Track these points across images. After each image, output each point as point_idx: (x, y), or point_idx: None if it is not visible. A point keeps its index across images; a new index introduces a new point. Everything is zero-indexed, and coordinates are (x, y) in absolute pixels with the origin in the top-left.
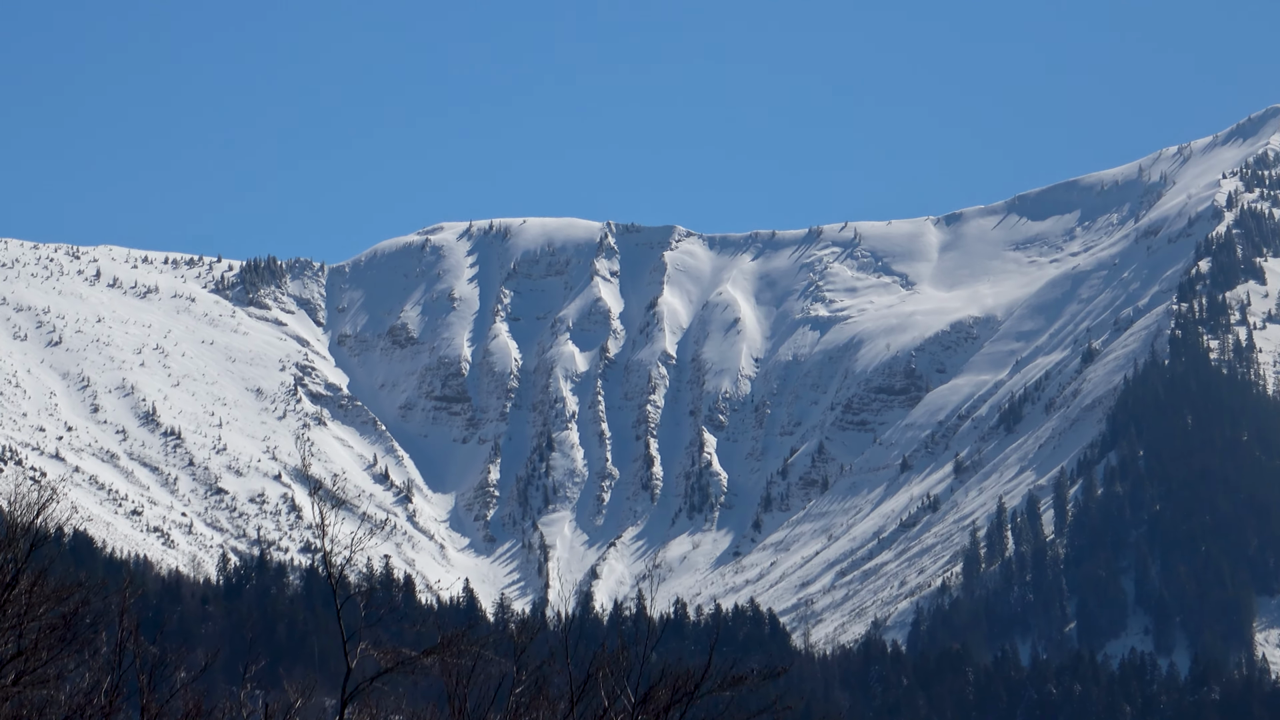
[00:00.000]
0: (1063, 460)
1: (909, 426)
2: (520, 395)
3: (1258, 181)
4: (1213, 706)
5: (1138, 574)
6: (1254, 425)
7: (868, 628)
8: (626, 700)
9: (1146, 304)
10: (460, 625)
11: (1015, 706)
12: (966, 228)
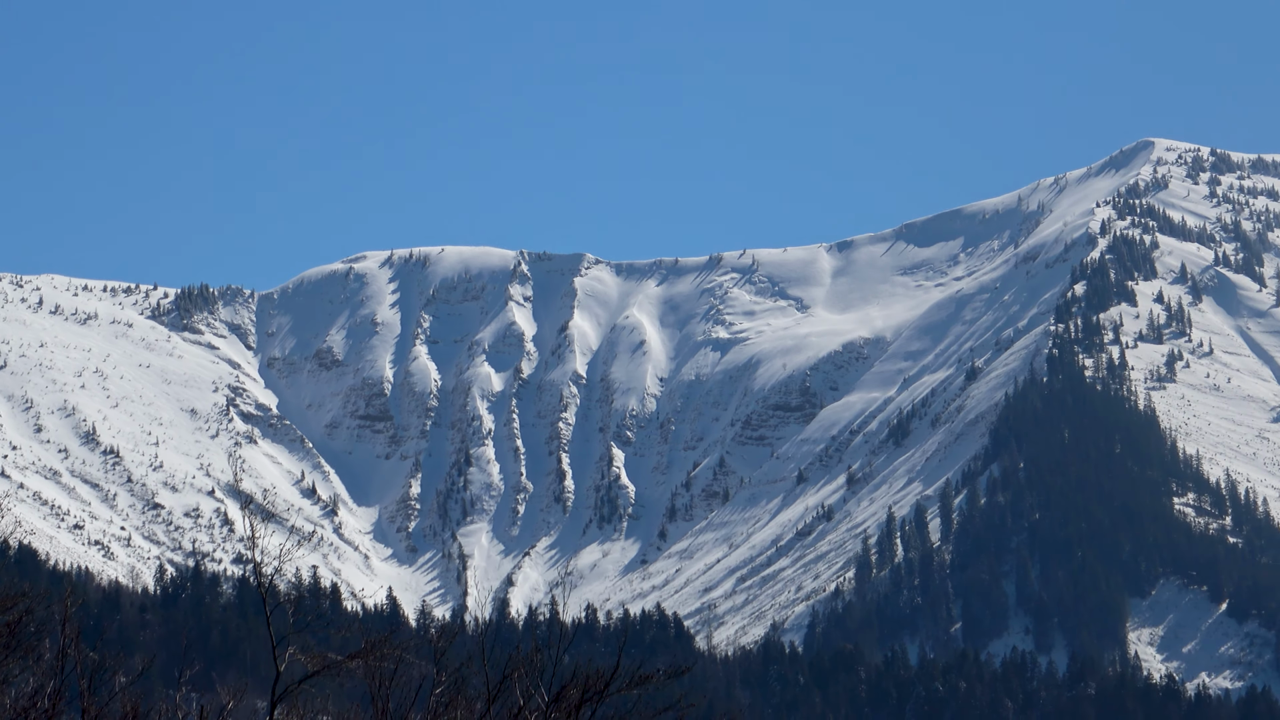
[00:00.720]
0: (948, 472)
1: (804, 441)
2: (439, 414)
3: (1129, 210)
4: (1089, 701)
5: (1018, 578)
6: (1126, 438)
7: (767, 630)
8: (540, 699)
9: (1026, 325)
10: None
11: (905, 703)
12: (857, 254)
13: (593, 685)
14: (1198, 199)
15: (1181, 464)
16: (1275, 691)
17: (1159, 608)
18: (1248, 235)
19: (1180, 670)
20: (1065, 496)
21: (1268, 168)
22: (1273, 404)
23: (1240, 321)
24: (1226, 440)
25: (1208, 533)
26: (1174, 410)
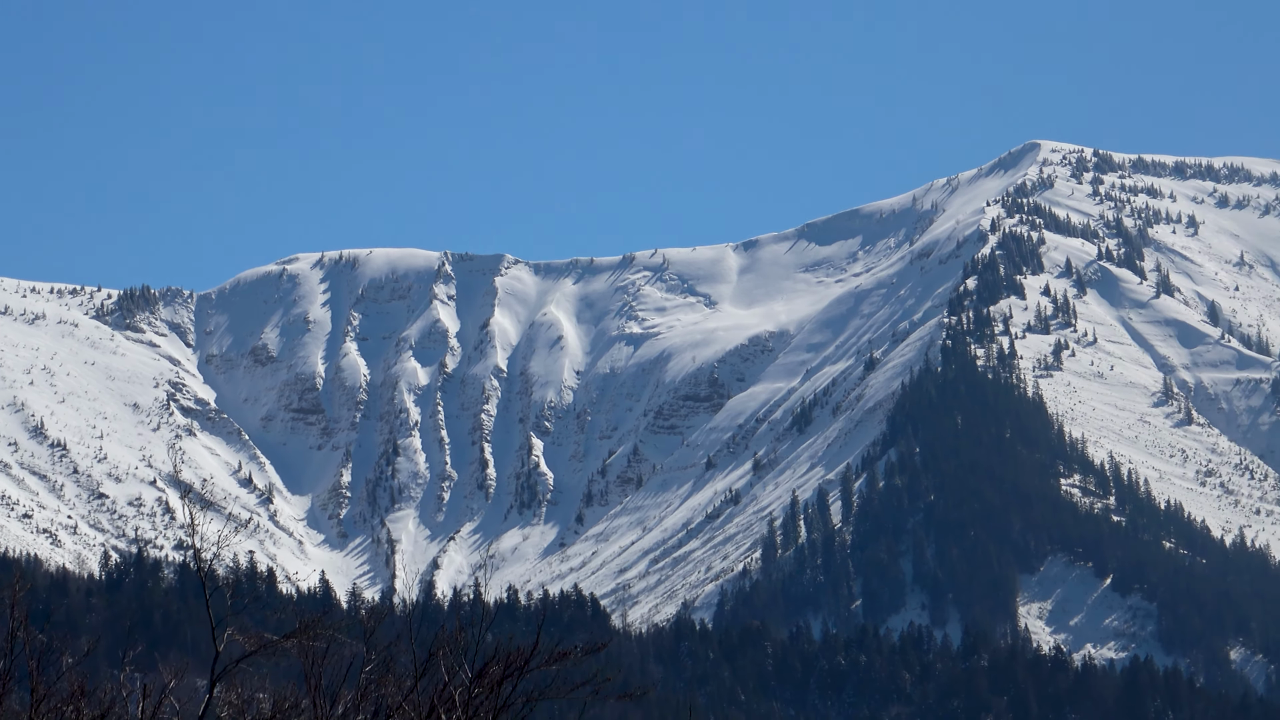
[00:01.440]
0: (848, 457)
1: (713, 430)
2: (368, 407)
3: (1017, 208)
4: (982, 672)
5: (915, 556)
6: (1016, 423)
7: (678, 608)
8: (464, 675)
9: (921, 318)
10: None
11: (809, 675)
12: (762, 253)
13: (514, 662)
14: (1081, 197)
15: (1068, 447)
16: (1157, 661)
17: (1047, 583)
18: (1129, 231)
19: (1068, 642)
20: (958, 479)
21: (1147, 167)
22: (1153, 390)
23: (1122, 312)
24: (1110, 424)
25: (1093, 512)
26: (1060, 397)
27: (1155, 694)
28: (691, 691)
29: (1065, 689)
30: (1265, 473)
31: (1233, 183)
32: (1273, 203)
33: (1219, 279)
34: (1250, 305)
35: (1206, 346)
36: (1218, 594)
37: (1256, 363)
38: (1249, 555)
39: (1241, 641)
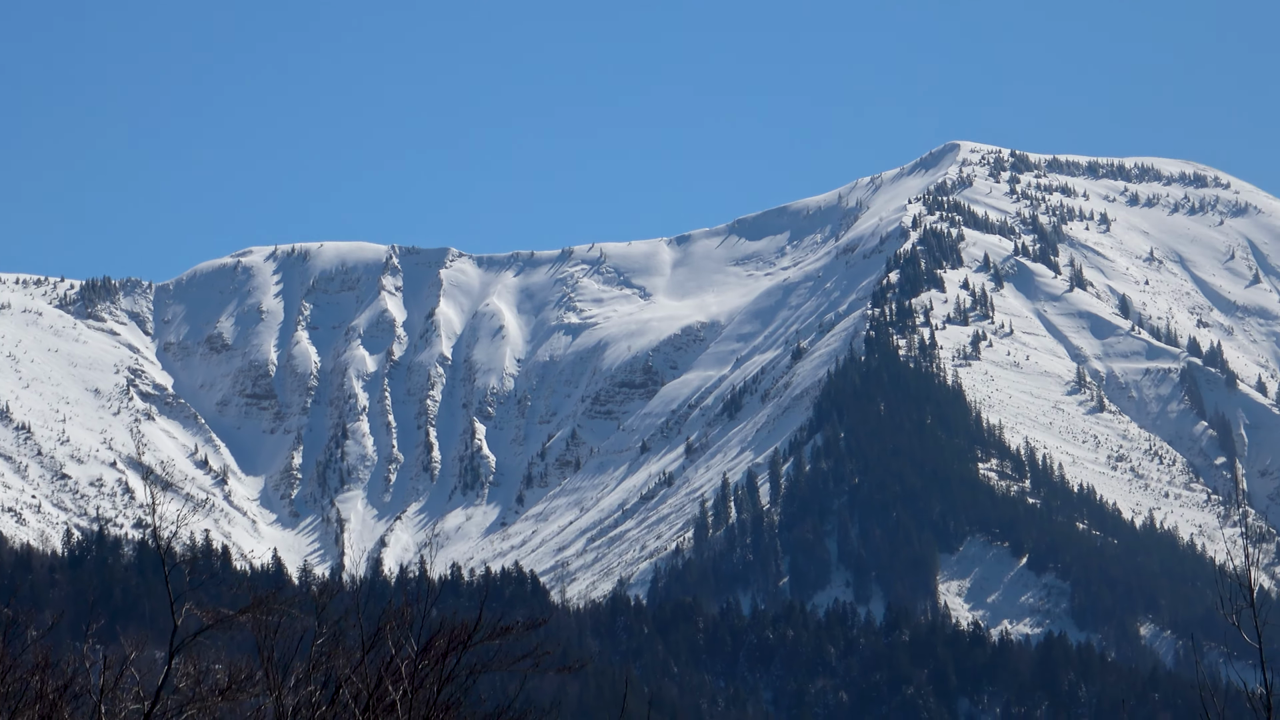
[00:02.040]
0: (776, 442)
1: (647, 415)
2: (319, 392)
3: (938, 206)
4: (903, 647)
5: (840, 536)
6: (936, 410)
7: (614, 585)
8: (411, 649)
9: (846, 309)
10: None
11: (739, 649)
12: (695, 247)
13: (458, 636)
14: (999, 195)
15: (985, 433)
16: (1070, 637)
17: (966, 562)
18: (1044, 228)
19: (985, 618)
20: (881, 463)
21: (1062, 167)
22: (1067, 379)
23: (1038, 305)
24: (1025, 411)
25: (1009, 494)
26: (978, 385)
27: (1069, 668)
28: (627, 664)
29: (983, 663)
30: (1174, 458)
31: (1143, 182)
32: (1181, 201)
33: (1130, 274)
34: (1159, 299)
35: (1118, 338)
36: (1128, 573)
37: (1165, 353)
38: (1158, 536)
39: (1151, 618)
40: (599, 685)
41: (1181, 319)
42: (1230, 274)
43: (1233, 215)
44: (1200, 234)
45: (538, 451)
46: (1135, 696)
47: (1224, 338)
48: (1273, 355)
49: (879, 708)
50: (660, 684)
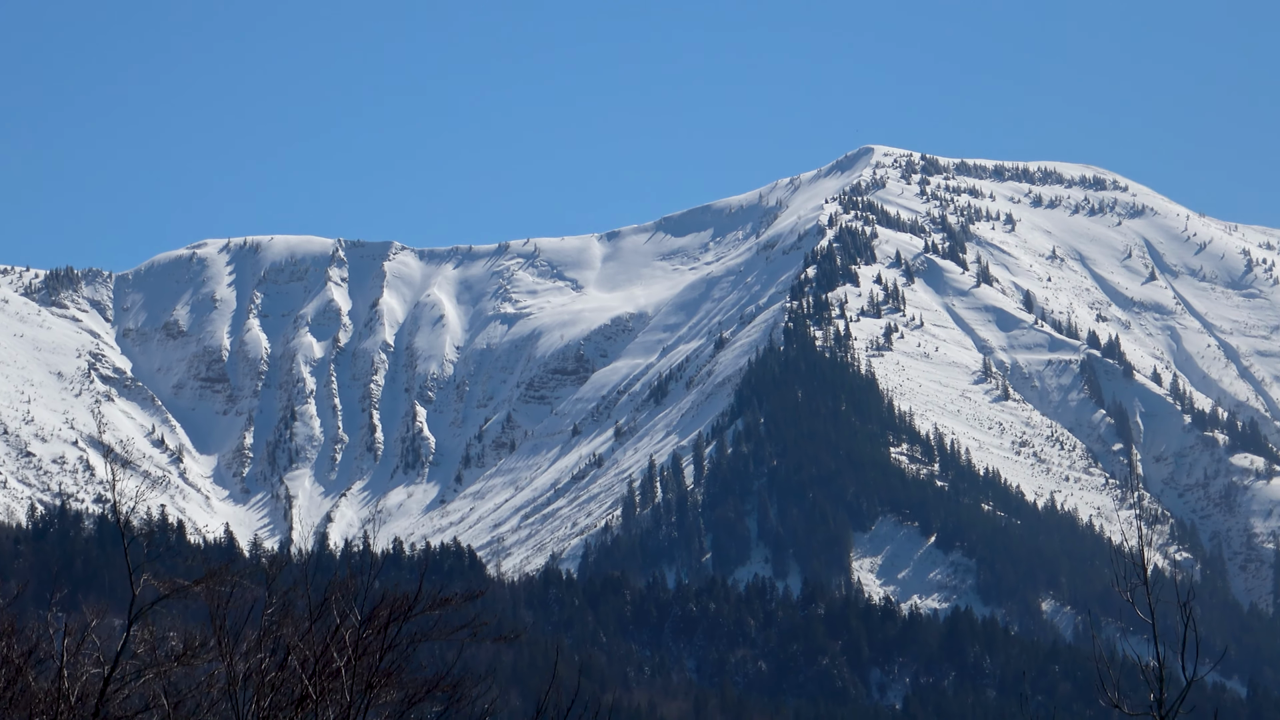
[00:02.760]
0: (700, 426)
1: (579, 400)
2: (269, 377)
3: (853, 205)
4: (819, 620)
5: (759, 515)
6: (850, 397)
7: (547, 559)
8: (355, 618)
9: (766, 302)
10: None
11: (664, 621)
12: (624, 242)
13: (399, 607)
14: (910, 196)
15: (897, 419)
16: (976, 611)
17: (878, 540)
18: (953, 227)
19: (896, 593)
20: (799, 446)
21: (970, 170)
22: (974, 369)
23: (947, 300)
24: (935, 399)
25: (919, 477)
26: (890, 374)
27: (974, 641)
28: (559, 634)
29: (894, 635)
30: (1073, 444)
31: (1046, 184)
32: (1081, 203)
33: (1033, 271)
34: (1061, 295)
35: (1021, 331)
36: (1030, 552)
37: (1066, 345)
38: (1059, 517)
39: (1051, 594)
40: (532, 654)
41: (1081, 314)
42: (1128, 272)
43: (1130, 216)
44: (1099, 234)
45: (475, 434)
46: (1036, 668)
47: (1121, 331)
48: (1167, 348)
49: (796, 677)
50: (590, 653)
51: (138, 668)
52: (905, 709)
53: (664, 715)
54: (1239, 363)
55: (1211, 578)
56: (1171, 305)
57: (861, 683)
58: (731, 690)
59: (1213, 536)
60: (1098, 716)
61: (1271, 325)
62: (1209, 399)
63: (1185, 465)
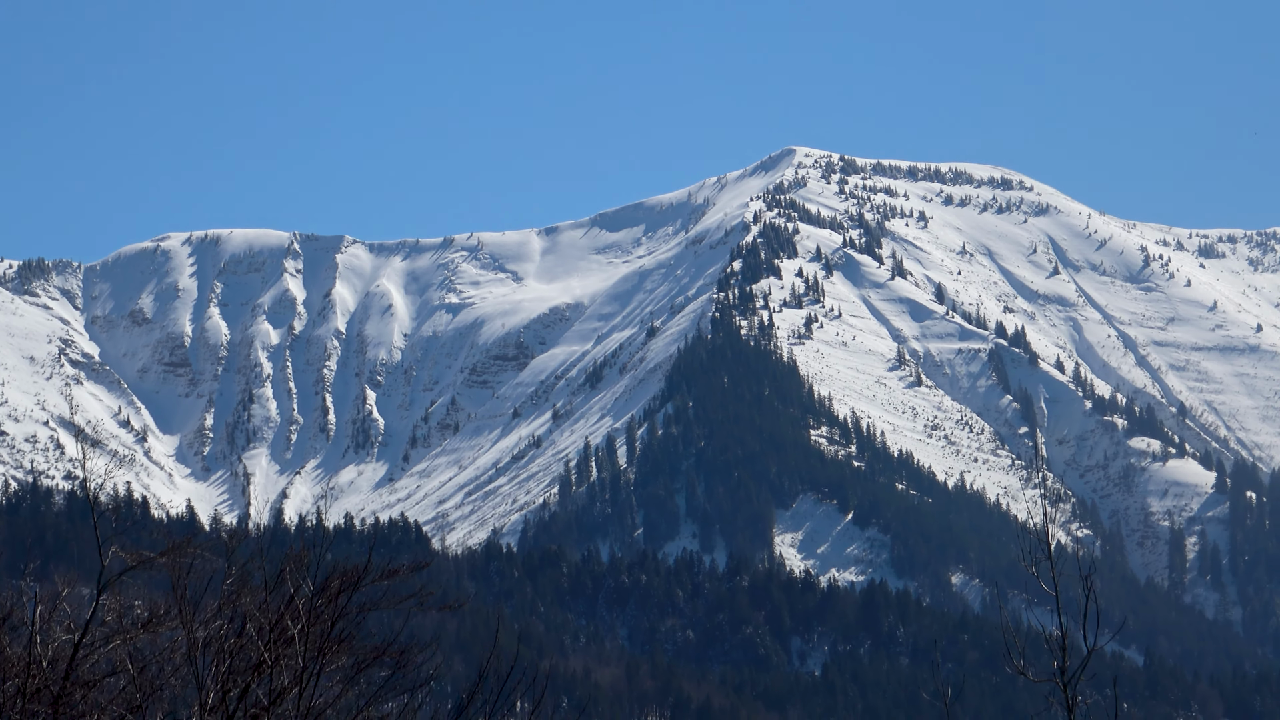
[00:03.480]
0: (633, 410)
1: (519, 384)
2: (229, 362)
3: (776, 203)
4: (743, 592)
5: (688, 493)
6: (773, 383)
7: (489, 534)
8: (308, 588)
9: (694, 294)
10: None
11: (598, 592)
12: (561, 237)
13: (349, 578)
14: (830, 195)
15: (817, 404)
16: (890, 584)
17: (799, 517)
18: (869, 224)
19: (815, 567)
20: (725, 429)
21: (885, 170)
22: (888, 357)
23: (863, 292)
24: (852, 385)
25: (837, 458)
26: (811, 361)
27: (889, 611)
28: (499, 604)
29: (813, 606)
30: (982, 427)
31: (957, 184)
32: (990, 201)
33: (944, 265)
34: (970, 287)
35: (933, 321)
36: (941, 528)
37: (975, 335)
38: (968, 496)
39: (961, 568)
40: (474, 623)
41: (990, 305)
42: (1033, 266)
43: (1035, 214)
44: (1006, 231)
45: (422, 416)
46: (947, 637)
47: (1027, 322)
48: (1069, 338)
49: (721, 645)
50: (529, 622)
51: (106, 634)
52: (824, 676)
53: (598, 681)
54: (1136, 352)
55: (1111, 553)
56: (1074, 298)
57: (783, 651)
58: (661, 657)
59: (1112, 515)
60: (1004, 683)
61: (1167, 317)
62: (1109, 386)
63: (1086, 448)
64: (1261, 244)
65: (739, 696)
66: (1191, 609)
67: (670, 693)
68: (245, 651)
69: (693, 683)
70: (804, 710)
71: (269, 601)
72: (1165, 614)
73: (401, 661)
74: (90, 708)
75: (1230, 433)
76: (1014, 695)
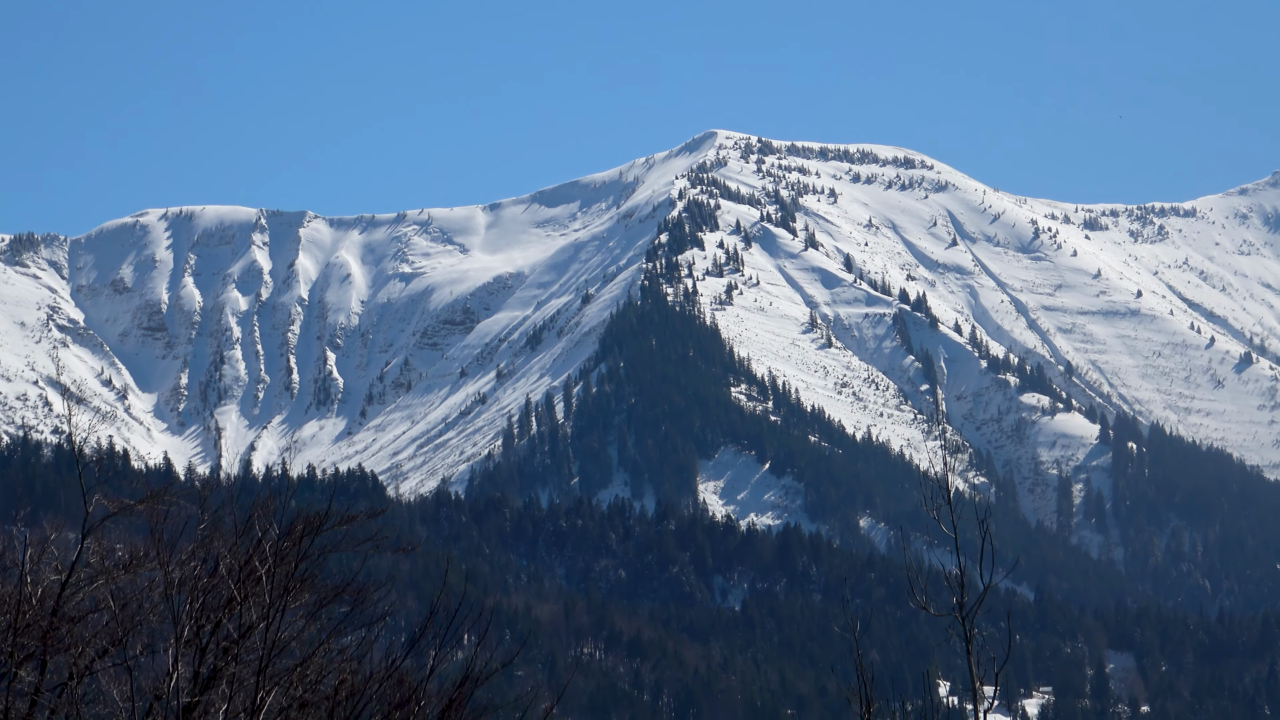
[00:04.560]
0: (569, 369)
1: (465, 347)
2: (201, 326)
3: (699, 181)
4: (670, 534)
5: (619, 445)
6: (697, 345)
7: (439, 483)
8: (274, 532)
9: (625, 264)
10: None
11: (538, 535)
12: (504, 212)
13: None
14: (748, 174)
15: (736, 364)
16: (804, 527)
17: (720, 467)
18: (784, 200)
19: (735, 512)
20: (653, 387)
21: (799, 151)
22: (802, 321)
23: (779, 262)
24: (769, 347)
25: (755, 413)
26: (731, 325)
27: (802, 552)
28: (448, 547)
29: (734, 548)
30: (887, 385)
31: (864, 164)
32: (894, 179)
33: (853, 237)
34: (876, 258)
35: (842, 289)
36: (850, 476)
37: (880, 301)
38: (874, 447)
39: (868, 513)
40: (425, 563)
41: (894, 274)
42: (933, 238)
43: (935, 191)
44: (909, 206)
45: (377, 375)
46: (855, 576)
47: (928, 289)
48: (966, 304)
49: (650, 583)
50: (475, 563)
51: (90, 575)
52: (743, 611)
53: (538, 616)
54: (1027, 316)
55: (1004, 499)
56: (970, 267)
57: (706, 588)
58: (596, 595)
59: (1005, 464)
60: (908, 617)
61: (1055, 284)
62: (1002, 347)
63: (982, 403)
64: (1141, 217)
65: (666, 630)
66: (1078, 549)
67: (604, 627)
68: (217, 590)
69: (624, 618)
70: (725, 642)
71: (239, 544)
72: (1054, 554)
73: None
74: (76, 641)
75: (1113, 389)
76: (917, 628)
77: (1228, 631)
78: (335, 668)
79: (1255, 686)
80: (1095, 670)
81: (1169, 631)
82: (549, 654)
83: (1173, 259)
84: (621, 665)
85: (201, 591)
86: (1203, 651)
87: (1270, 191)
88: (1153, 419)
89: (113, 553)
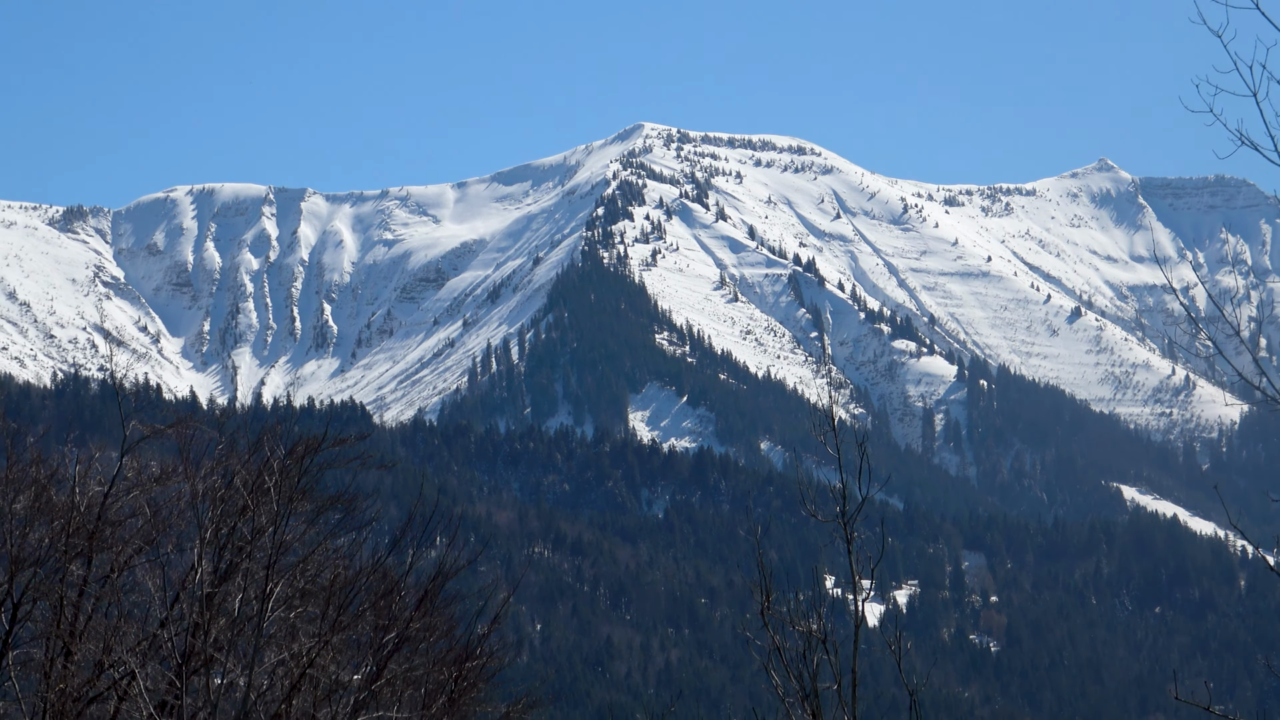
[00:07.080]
0: (523, 319)
1: (438, 300)
2: (221, 283)
3: (630, 165)
4: (606, 455)
5: (564, 382)
6: (628, 299)
7: (416, 412)
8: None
9: (569, 232)
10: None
11: (497, 456)
12: (470, 190)
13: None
14: (670, 159)
15: (660, 315)
16: (715, 449)
17: (647, 400)
18: (699, 181)
19: (659, 436)
20: (592, 335)
21: (711, 140)
22: (714, 280)
23: (695, 231)
24: (687, 301)
25: (676, 355)
26: (656, 284)
27: (714, 470)
28: (423, 465)
29: (658, 466)
30: (783, 333)
31: (764, 151)
32: (789, 164)
33: (755, 211)
34: (774, 228)
35: (747, 254)
36: (753, 407)
37: (778, 264)
38: (773, 384)
39: (768, 437)
40: (405, 479)
41: (789, 242)
42: (821, 213)
43: (822, 174)
44: (801, 186)
45: (365, 324)
46: (757, 489)
47: (816, 255)
48: (848, 266)
49: (589, 495)
50: (445, 478)
51: (128, 487)
52: (665, 518)
53: (497, 522)
54: (898, 276)
55: (879, 427)
56: (851, 236)
57: (635, 499)
58: (545, 505)
59: (880, 398)
60: (800, 523)
61: (920, 250)
62: (877, 302)
63: (860, 348)
64: (991, 195)
65: (603, 533)
66: (939, 468)
67: (551, 531)
68: (233, 499)
69: (569, 524)
70: (651, 544)
71: (251, 462)
72: (919, 472)
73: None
74: (116, 541)
75: (968, 336)
76: (807, 532)
77: (1061, 535)
78: (330, 564)
79: (1084, 580)
80: (953, 567)
81: (1014, 535)
82: (506, 553)
83: (1017, 230)
84: (566, 562)
85: (220, 501)
86: (1041, 552)
87: (1097, 175)
88: (1000, 361)
89: (147, 468)
